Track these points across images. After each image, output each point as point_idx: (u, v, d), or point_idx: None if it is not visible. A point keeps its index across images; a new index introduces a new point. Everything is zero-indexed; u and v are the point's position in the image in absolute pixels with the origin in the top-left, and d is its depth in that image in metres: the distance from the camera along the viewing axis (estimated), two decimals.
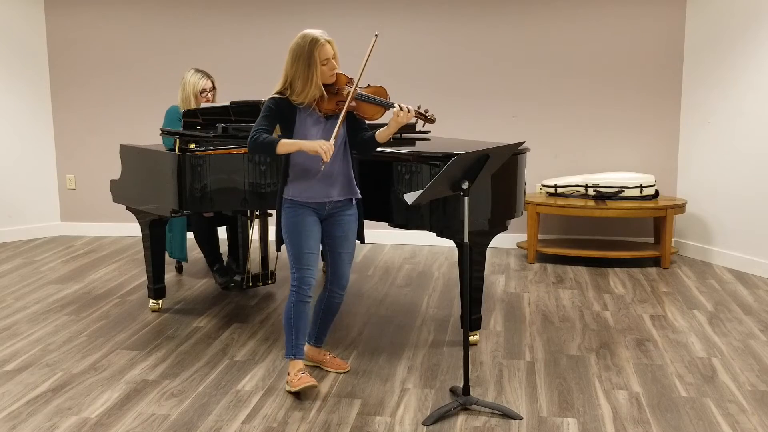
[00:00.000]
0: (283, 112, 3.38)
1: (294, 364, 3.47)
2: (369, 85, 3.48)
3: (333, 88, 3.40)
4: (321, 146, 3.23)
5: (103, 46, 6.60)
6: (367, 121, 3.52)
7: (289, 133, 3.39)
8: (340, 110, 3.38)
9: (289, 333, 3.46)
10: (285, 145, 3.29)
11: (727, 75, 5.58)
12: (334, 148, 3.27)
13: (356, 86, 3.36)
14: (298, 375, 3.43)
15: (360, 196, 3.59)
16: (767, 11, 5.25)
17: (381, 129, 3.42)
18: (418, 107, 3.38)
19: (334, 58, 3.35)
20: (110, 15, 6.56)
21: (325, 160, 3.23)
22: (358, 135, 3.50)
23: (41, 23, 6.62)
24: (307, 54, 3.28)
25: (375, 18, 6.27)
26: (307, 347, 3.72)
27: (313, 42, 3.29)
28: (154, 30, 6.54)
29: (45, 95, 6.70)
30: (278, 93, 3.39)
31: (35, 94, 6.66)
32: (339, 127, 3.34)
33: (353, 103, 3.38)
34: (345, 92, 3.39)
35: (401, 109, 3.31)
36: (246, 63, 6.36)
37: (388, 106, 3.40)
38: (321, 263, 5.26)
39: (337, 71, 3.39)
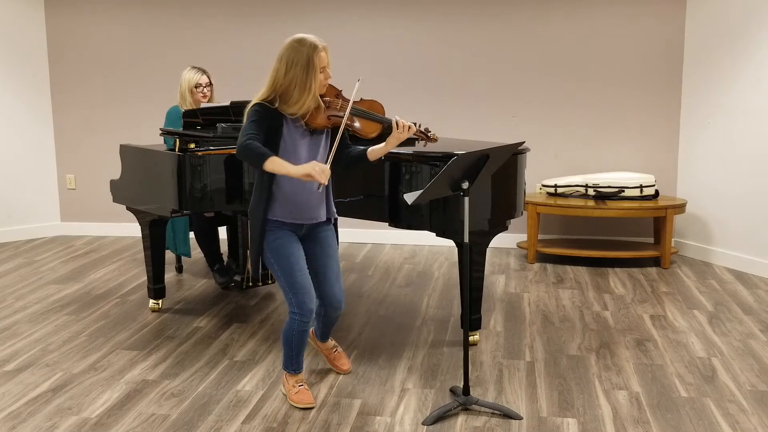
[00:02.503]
0: (270, 121, 3.11)
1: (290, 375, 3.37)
2: (362, 99, 3.28)
3: (323, 101, 3.21)
4: (315, 169, 2.94)
5: (103, 46, 6.61)
6: (361, 139, 3.30)
7: (274, 145, 3.11)
8: (330, 124, 3.17)
9: (288, 350, 3.31)
10: (274, 164, 2.98)
11: (727, 75, 5.57)
12: (329, 171, 3.00)
13: (351, 104, 3.16)
14: (296, 387, 3.33)
15: (337, 216, 3.40)
16: (767, 11, 5.26)
17: (375, 146, 3.21)
18: (419, 125, 3.19)
19: (328, 66, 3.15)
20: (110, 15, 6.56)
21: (324, 183, 2.97)
22: (343, 151, 3.25)
23: (41, 23, 6.61)
24: (305, 60, 3.06)
25: (373, 18, 6.27)
26: (312, 337, 3.69)
27: (312, 48, 3.07)
28: (154, 30, 6.54)
29: (45, 95, 6.70)
30: (261, 102, 3.12)
31: (35, 94, 6.65)
32: (335, 148, 3.11)
33: (349, 120, 3.17)
34: (337, 105, 3.18)
35: (402, 125, 3.11)
36: (246, 63, 6.35)
37: (386, 122, 3.20)
38: None
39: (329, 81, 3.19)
